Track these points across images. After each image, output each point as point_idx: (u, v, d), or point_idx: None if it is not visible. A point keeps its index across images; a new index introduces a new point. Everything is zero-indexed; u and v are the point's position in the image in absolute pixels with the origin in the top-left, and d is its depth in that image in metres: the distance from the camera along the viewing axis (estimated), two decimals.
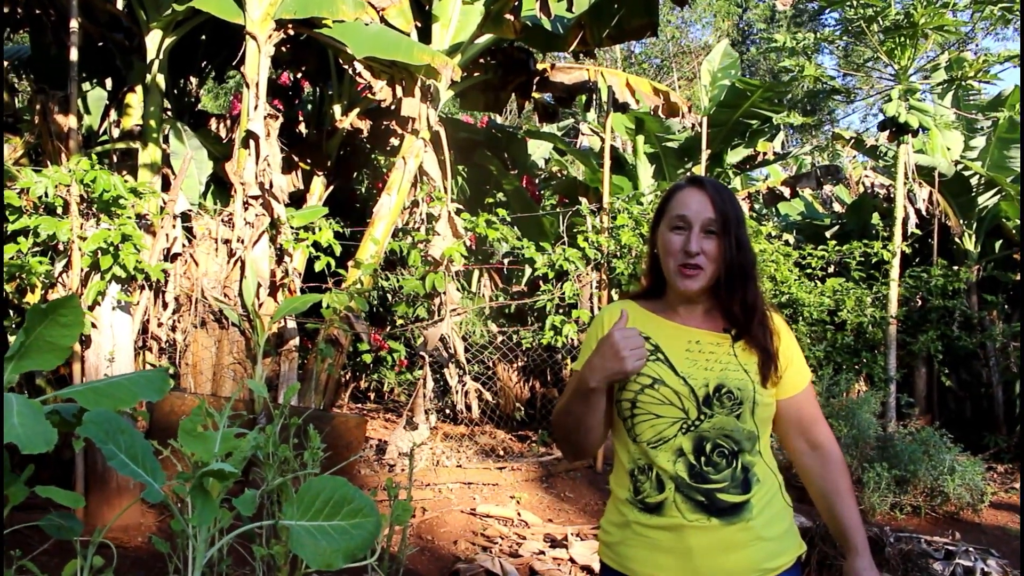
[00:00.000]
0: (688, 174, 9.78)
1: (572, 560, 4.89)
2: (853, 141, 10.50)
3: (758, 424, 1.86)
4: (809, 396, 1.97)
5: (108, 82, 8.02)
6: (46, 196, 4.91)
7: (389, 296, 7.44)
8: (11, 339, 5.03)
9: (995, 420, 9.20)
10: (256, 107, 6.08)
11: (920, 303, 9.13)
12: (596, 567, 4.72)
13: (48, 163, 5.78)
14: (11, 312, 5.10)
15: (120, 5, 6.48)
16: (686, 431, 1.84)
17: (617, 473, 1.97)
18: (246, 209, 6.05)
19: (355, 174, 9.46)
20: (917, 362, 9.14)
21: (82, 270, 5.03)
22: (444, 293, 6.87)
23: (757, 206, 10.56)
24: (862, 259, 8.29)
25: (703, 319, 1.94)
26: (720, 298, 1.91)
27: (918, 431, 6.75)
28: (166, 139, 6.87)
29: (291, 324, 6.25)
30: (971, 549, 5.13)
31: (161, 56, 6.34)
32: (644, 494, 1.87)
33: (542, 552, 4.99)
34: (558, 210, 8.51)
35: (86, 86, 7.84)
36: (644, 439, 1.87)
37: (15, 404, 1.19)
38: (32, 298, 5.03)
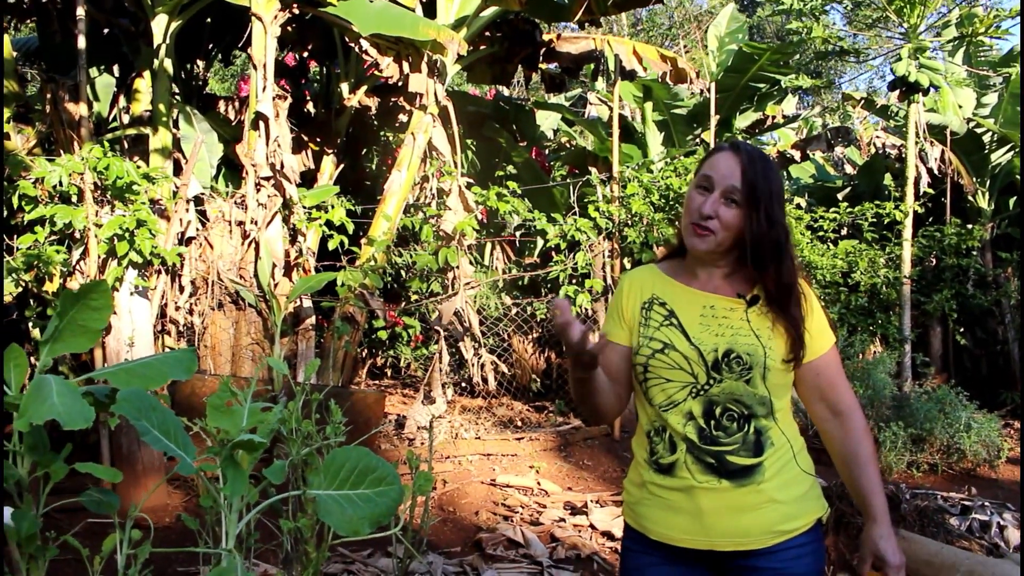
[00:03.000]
0: (730, 138, 9.74)
1: (592, 526, 4.95)
2: (863, 102, 10.43)
3: (771, 389, 1.86)
4: (830, 361, 1.93)
5: (115, 69, 8.05)
6: (60, 185, 4.97)
7: (403, 272, 7.49)
8: (30, 326, 5.13)
9: (1011, 377, 9.19)
10: (264, 88, 6.10)
11: (934, 262, 9.11)
12: (617, 532, 4.79)
13: (61, 152, 5.83)
14: (31, 302, 5.17)
15: None
16: (696, 395, 1.86)
17: (637, 435, 2.00)
18: (258, 190, 6.09)
19: (364, 152, 9.48)
20: (932, 321, 9.13)
21: (99, 257, 5.09)
22: (457, 267, 6.91)
23: None
24: (874, 220, 8.27)
25: (721, 283, 1.93)
26: (743, 264, 1.89)
27: (934, 390, 6.77)
28: (176, 123, 6.91)
29: (307, 303, 6.31)
30: (987, 504, 5.17)
31: (168, 40, 6.36)
32: (658, 455, 1.90)
33: (563, 520, 5.06)
34: (568, 181, 8.52)
35: (93, 72, 7.87)
36: (656, 402, 1.90)
37: (53, 384, 1.24)
38: (51, 287, 5.10)
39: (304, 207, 6.35)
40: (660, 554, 1.93)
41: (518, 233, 8.36)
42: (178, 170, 6.42)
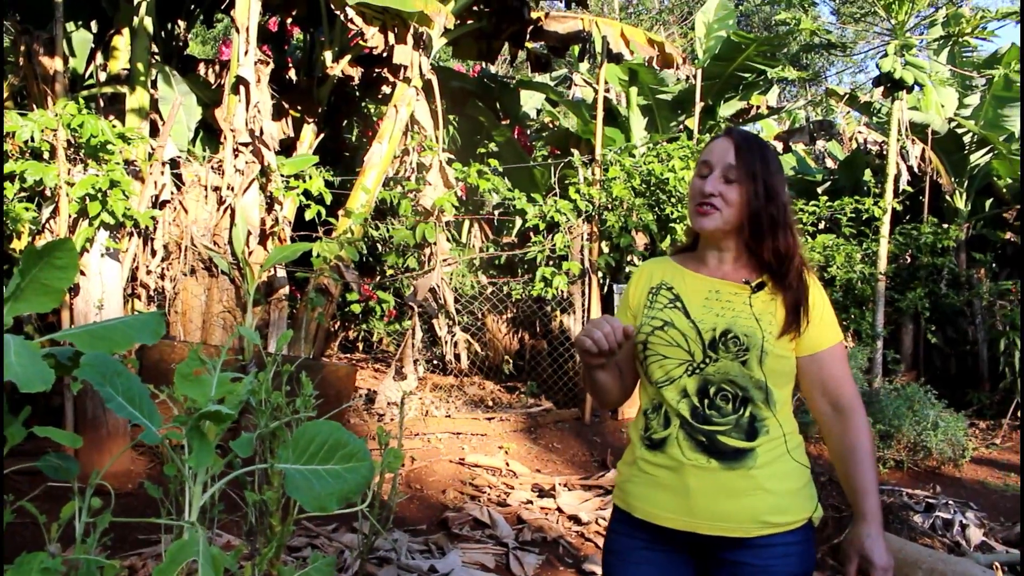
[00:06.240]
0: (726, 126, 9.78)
1: (559, 510, 4.95)
2: (847, 97, 10.44)
3: (768, 375, 1.86)
4: (834, 357, 1.94)
5: (93, 25, 7.87)
6: (32, 141, 4.85)
7: (379, 246, 7.42)
8: None
9: (979, 377, 9.30)
10: (246, 52, 5.99)
11: (909, 260, 9.17)
12: (584, 517, 4.79)
13: (34, 107, 5.70)
14: None
15: None
16: (691, 373, 1.89)
17: (635, 417, 2.04)
18: (236, 156, 6.00)
19: (345, 122, 9.36)
20: (904, 319, 9.20)
21: (70, 216, 4.99)
22: (434, 243, 6.86)
23: None
24: (853, 215, 8.29)
25: (730, 269, 1.97)
26: (749, 247, 1.93)
27: (903, 387, 6.81)
28: (154, 84, 6.77)
29: (281, 273, 6.23)
30: (951, 502, 5.22)
31: None
32: (652, 431, 1.93)
33: (530, 501, 5.05)
34: (549, 161, 8.47)
35: (70, 27, 7.68)
36: (654, 379, 1.94)
37: (12, 344, 1.18)
38: (19, 245, 4.99)
39: (282, 175, 6.26)
40: (644, 536, 1.94)
41: (497, 212, 8.30)
42: (154, 131, 6.29)
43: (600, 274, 7.15)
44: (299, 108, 7.65)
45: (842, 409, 1.93)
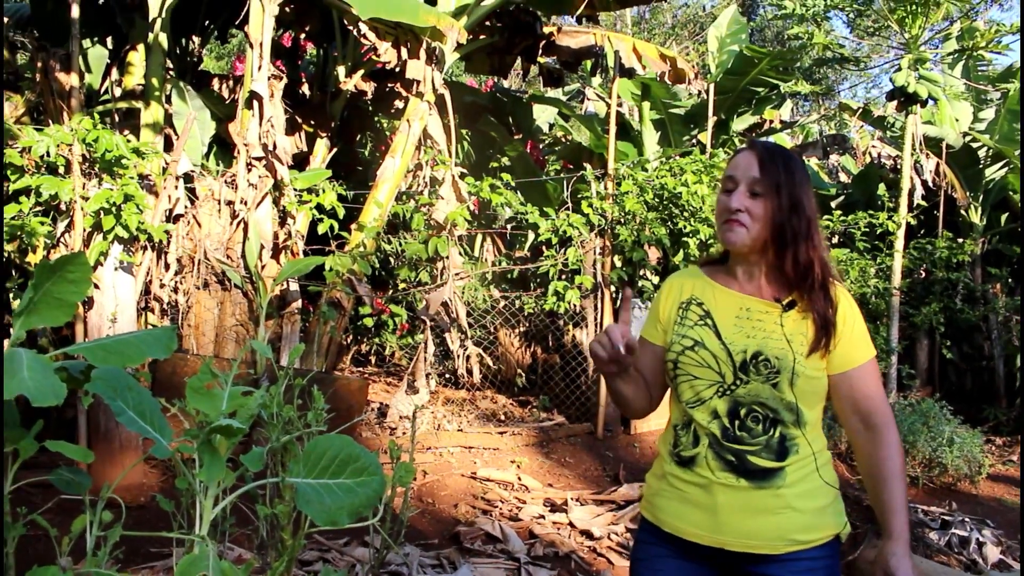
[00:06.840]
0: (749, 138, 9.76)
1: (572, 524, 4.92)
2: (860, 111, 10.42)
3: (799, 396, 1.85)
4: (866, 374, 1.92)
5: (109, 41, 7.94)
6: (48, 155, 4.88)
7: (391, 260, 7.42)
8: (11, 297, 5.05)
9: (995, 393, 9.22)
10: (260, 67, 6.03)
11: (924, 275, 9.12)
12: (596, 532, 4.76)
13: (50, 122, 5.74)
14: (13, 272, 5.09)
15: None
16: (722, 394, 1.88)
17: (665, 430, 2.04)
18: (249, 170, 6.02)
19: (358, 137, 9.40)
20: (919, 334, 9.14)
21: (84, 230, 5.01)
22: (447, 257, 6.86)
23: None
24: (867, 230, 8.25)
25: (762, 285, 1.95)
26: (772, 260, 1.91)
27: (918, 402, 6.76)
28: (168, 99, 6.82)
29: (293, 287, 6.25)
30: (967, 519, 5.17)
31: (163, 14, 6.27)
32: (681, 447, 1.93)
33: (542, 516, 5.03)
34: (562, 176, 8.47)
35: (86, 43, 7.75)
36: (684, 399, 1.93)
37: (24, 358, 1.19)
38: (34, 258, 5.02)
39: (295, 189, 6.28)
40: (671, 547, 1.94)
41: (509, 226, 8.30)
42: (169, 146, 6.33)
43: (613, 288, 7.13)
44: (312, 123, 7.68)
45: (873, 427, 1.92)
